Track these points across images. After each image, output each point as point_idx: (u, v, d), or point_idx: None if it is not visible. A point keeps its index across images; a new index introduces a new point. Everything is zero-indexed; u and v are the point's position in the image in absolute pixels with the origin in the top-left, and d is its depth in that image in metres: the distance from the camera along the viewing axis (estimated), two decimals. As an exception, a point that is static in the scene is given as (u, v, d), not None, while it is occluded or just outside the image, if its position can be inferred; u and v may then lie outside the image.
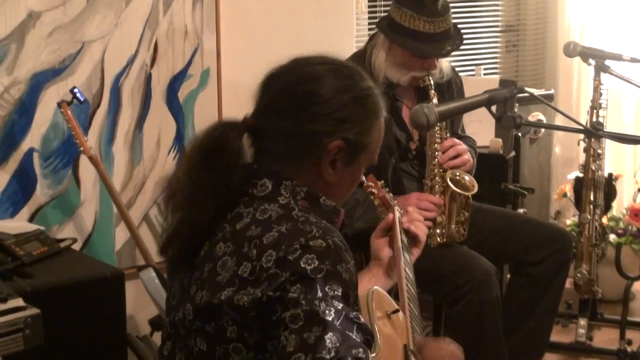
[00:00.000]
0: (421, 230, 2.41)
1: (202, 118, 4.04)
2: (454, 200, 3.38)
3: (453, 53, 3.50)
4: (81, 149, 3.55)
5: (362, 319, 1.72)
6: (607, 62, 4.07)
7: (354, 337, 1.67)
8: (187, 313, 1.84)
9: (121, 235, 3.88)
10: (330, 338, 1.65)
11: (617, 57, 4.09)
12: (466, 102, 2.67)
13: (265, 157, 1.91)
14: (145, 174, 3.94)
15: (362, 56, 3.51)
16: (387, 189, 2.59)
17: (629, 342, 4.23)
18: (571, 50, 4.11)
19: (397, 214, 2.49)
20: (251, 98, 1.95)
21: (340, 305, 1.69)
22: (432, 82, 3.41)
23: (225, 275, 1.77)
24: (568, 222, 4.84)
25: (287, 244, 1.74)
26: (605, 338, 4.41)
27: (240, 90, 4.16)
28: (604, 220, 4.37)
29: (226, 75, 4.09)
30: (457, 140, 3.44)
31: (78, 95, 3.56)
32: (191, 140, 1.94)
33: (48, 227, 3.61)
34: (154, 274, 3.47)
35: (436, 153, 3.40)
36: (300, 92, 1.89)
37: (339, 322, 1.67)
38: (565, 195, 4.80)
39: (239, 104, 4.20)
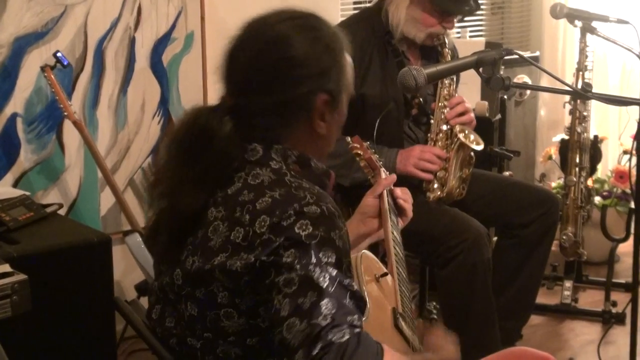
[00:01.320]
0: (409, 204, 2.39)
1: (187, 82, 4.02)
2: (458, 154, 3.40)
3: None
4: (65, 113, 3.52)
5: (355, 286, 1.72)
6: (594, 24, 4.05)
7: (347, 304, 1.67)
8: (176, 278, 1.83)
9: (106, 200, 3.87)
10: (326, 304, 1.64)
11: (604, 19, 4.07)
12: (454, 64, 2.66)
13: (254, 130, 1.86)
14: (130, 138, 3.92)
15: (375, 12, 3.51)
16: (373, 150, 2.57)
17: (614, 304, 4.26)
18: (557, 12, 4.09)
19: (384, 175, 2.48)
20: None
21: (334, 272, 1.68)
22: (446, 40, 3.47)
23: (217, 240, 1.76)
24: (553, 184, 4.85)
25: (281, 210, 1.73)
26: (590, 300, 4.43)
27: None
28: (589, 182, 4.38)
29: (210, 38, 4.05)
30: (463, 98, 3.47)
31: (61, 59, 3.53)
32: (172, 130, 1.89)
33: (33, 193, 3.59)
34: (140, 239, 3.46)
35: (444, 110, 3.43)
36: (271, 61, 1.83)
37: (333, 289, 1.66)
38: (550, 157, 4.80)
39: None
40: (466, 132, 3.42)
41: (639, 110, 3.34)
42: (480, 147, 3.40)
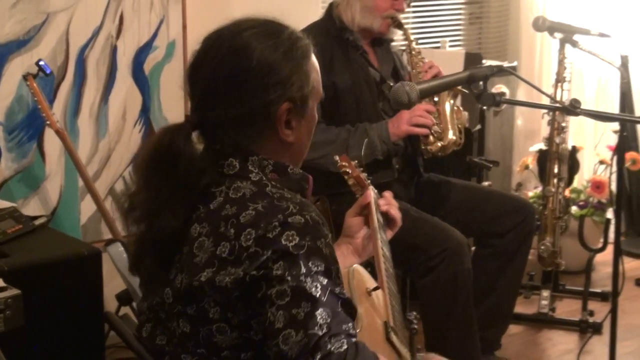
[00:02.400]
0: (398, 213, 2.39)
1: (168, 91, 4.02)
2: (444, 105, 3.56)
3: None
4: (48, 122, 3.51)
5: (346, 294, 1.72)
6: (575, 37, 4.09)
7: (341, 312, 1.67)
8: (167, 297, 1.81)
9: (86, 209, 3.86)
10: (320, 314, 1.64)
11: (585, 32, 4.11)
12: (447, 80, 2.68)
13: (221, 144, 1.84)
14: (111, 147, 3.91)
15: (325, 21, 3.67)
16: (361, 169, 2.58)
17: (591, 313, 4.29)
18: (540, 25, 4.12)
19: (372, 193, 2.49)
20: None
21: (325, 281, 1.68)
22: (401, 20, 3.66)
23: (203, 256, 1.75)
24: (530, 194, 4.89)
25: (265, 222, 1.71)
26: (567, 309, 4.47)
27: (206, 63, 4.15)
28: (567, 192, 4.42)
29: (192, 47, 4.00)
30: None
31: (44, 67, 3.52)
32: (139, 152, 1.87)
33: (13, 202, 3.56)
34: (122, 248, 3.44)
35: (420, 75, 3.60)
36: (229, 74, 1.81)
37: (326, 298, 1.66)
38: (527, 167, 4.84)
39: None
40: None
41: (619, 123, 3.36)
42: (465, 90, 3.52)
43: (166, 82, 4.01)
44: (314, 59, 1.90)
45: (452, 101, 3.60)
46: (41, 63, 3.53)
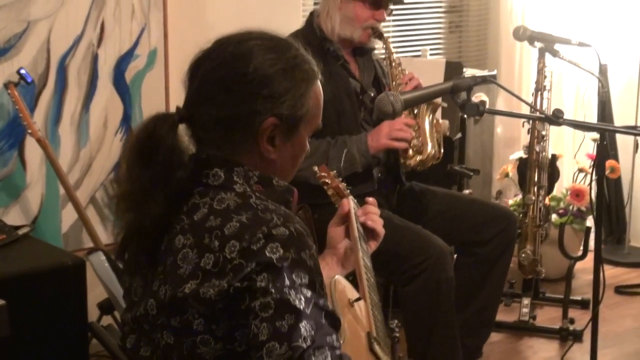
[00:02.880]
0: (378, 223, 2.37)
1: (149, 99, 4.01)
2: (426, 116, 3.56)
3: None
4: (29, 131, 3.50)
5: (330, 305, 1.73)
6: (556, 47, 4.12)
7: (324, 324, 1.68)
8: (150, 308, 1.81)
9: (67, 217, 3.84)
10: (304, 326, 1.65)
11: (566, 42, 4.14)
12: (431, 90, 2.69)
13: (204, 145, 1.86)
14: (92, 155, 3.90)
15: (306, 30, 3.64)
16: (340, 179, 2.59)
17: (572, 321, 4.31)
18: (521, 35, 4.15)
19: (352, 204, 2.49)
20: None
21: (309, 293, 1.69)
22: (382, 31, 3.66)
23: (187, 268, 1.75)
24: (510, 201, 4.91)
25: (250, 234, 1.72)
26: (548, 317, 4.49)
27: (188, 71, 4.15)
28: (546, 200, 4.44)
29: (173, 55, 4.05)
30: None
31: (25, 76, 3.51)
32: (127, 138, 1.88)
33: (-8, 210, 3.57)
34: (104, 258, 3.42)
35: (400, 87, 3.58)
36: (224, 76, 1.83)
37: (310, 310, 1.67)
38: (507, 175, 4.86)
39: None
40: None
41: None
42: (442, 103, 3.56)
43: (147, 91, 4.00)
44: (318, 86, 1.91)
45: (431, 115, 3.59)
46: (22, 71, 3.52)
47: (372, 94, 3.60)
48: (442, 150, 3.59)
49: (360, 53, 3.72)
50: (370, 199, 2.42)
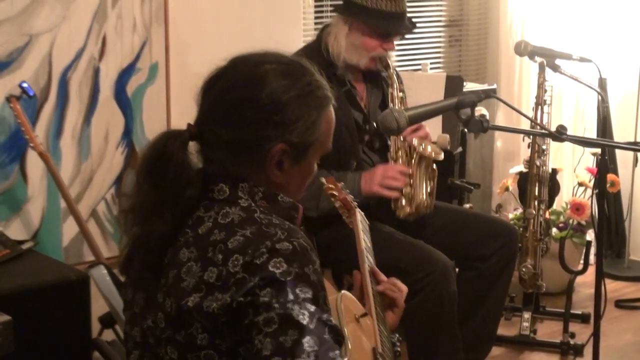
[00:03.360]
0: (399, 295, 2.33)
1: (151, 113, 4.01)
2: (420, 168, 3.45)
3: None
4: (31, 144, 3.51)
5: (333, 320, 1.73)
6: (557, 62, 4.13)
7: (328, 339, 1.67)
8: (159, 321, 1.82)
9: (68, 231, 3.84)
10: (308, 342, 1.65)
11: (567, 57, 4.15)
12: (435, 107, 2.70)
13: (211, 163, 1.87)
14: (93, 169, 3.90)
15: (315, 48, 3.56)
16: (347, 191, 2.59)
17: (572, 335, 4.31)
18: (522, 50, 4.16)
19: (359, 216, 2.50)
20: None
21: (312, 308, 1.69)
22: (390, 62, 3.57)
23: (190, 281, 1.75)
24: (510, 215, 4.91)
25: (253, 248, 1.72)
26: (548, 331, 4.49)
27: (189, 85, 4.14)
28: (546, 214, 4.44)
29: (175, 69, 4.06)
30: None
31: (27, 90, 3.52)
32: (139, 153, 1.89)
33: (-6, 223, 3.57)
34: (105, 271, 3.43)
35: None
36: (237, 98, 1.84)
37: (313, 325, 1.67)
38: (507, 189, 4.87)
39: (188, 99, 4.21)
40: (423, 145, 3.47)
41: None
42: (441, 157, 3.46)
43: (149, 104, 4.00)
44: (330, 112, 1.91)
45: (427, 165, 3.48)
46: (24, 85, 3.53)
47: (375, 125, 3.48)
48: (434, 200, 3.50)
49: (369, 77, 3.64)
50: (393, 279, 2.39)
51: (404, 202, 3.45)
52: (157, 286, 1.83)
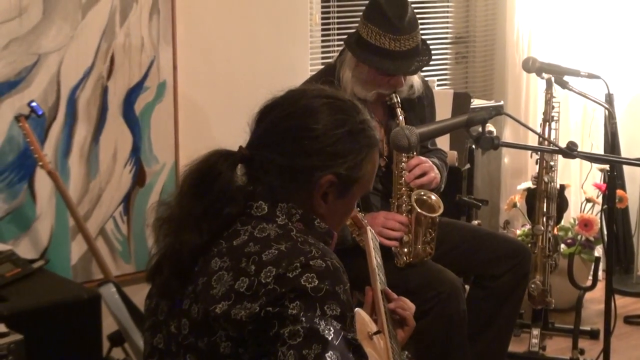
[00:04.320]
0: (408, 313, 2.33)
1: (158, 131, 4.02)
2: (419, 221, 3.39)
3: None
4: (40, 163, 3.51)
5: (358, 341, 1.74)
6: (565, 78, 4.13)
7: (351, 358, 1.69)
8: (183, 327, 1.84)
9: (77, 249, 3.84)
10: (330, 356, 1.67)
11: (575, 73, 4.15)
12: (446, 124, 2.70)
13: (258, 185, 1.92)
14: (102, 187, 3.90)
15: (332, 70, 3.51)
16: (358, 209, 2.59)
17: (582, 352, 4.30)
18: (530, 66, 4.16)
19: (370, 234, 2.50)
20: (208, 111, 1.97)
21: (338, 326, 1.71)
22: (398, 99, 3.43)
23: (220, 289, 1.78)
24: (518, 232, 4.90)
25: (287, 262, 1.76)
26: (557, 347, 4.47)
27: (197, 103, 4.17)
28: (554, 230, 4.44)
29: (182, 87, 4.07)
30: (423, 158, 3.43)
31: (36, 109, 3.53)
32: (186, 165, 1.94)
33: (3, 243, 3.55)
34: (114, 289, 3.44)
35: (402, 172, 3.40)
36: (293, 127, 1.91)
37: (338, 342, 1.69)
38: (515, 205, 4.86)
39: (195, 117, 4.23)
40: (424, 196, 3.41)
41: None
42: (439, 213, 3.39)
43: (157, 122, 4.01)
44: (376, 153, 1.98)
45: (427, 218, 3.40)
46: (33, 104, 3.54)
47: (385, 160, 3.45)
48: (433, 248, 3.43)
49: (392, 111, 3.47)
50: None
51: (404, 250, 3.41)
52: (184, 293, 1.86)
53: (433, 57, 4.69)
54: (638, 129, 5.30)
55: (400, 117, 3.38)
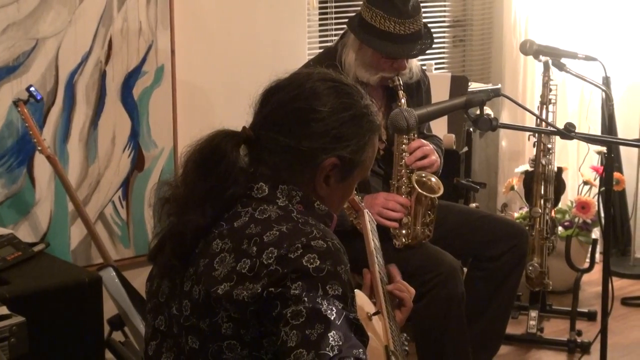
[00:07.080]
0: (406, 294, 2.35)
1: (157, 115, 4.03)
2: (419, 201, 3.41)
3: None
4: (38, 148, 3.52)
5: (360, 321, 1.75)
6: (562, 61, 4.13)
7: (353, 337, 1.70)
8: (185, 309, 1.85)
9: (76, 234, 3.86)
10: (333, 336, 1.67)
11: (572, 55, 4.16)
12: (444, 106, 2.71)
13: (261, 166, 1.93)
14: (100, 171, 3.91)
15: (332, 53, 3.51)
16: (356, 192, 2.60)
17: (579, 333, 4.32)
18: (527, 49, 4.17)
19: (367, 217, 2.51)
20: (206, 95, 1.97)
21: (340, 305, 1.73)
22: (401, 82, 3.44)
23: (222, 270, 1.79)
24: (516, 214, 4.92)
25: (288, 243, 1.78)
26: (555, 329, 4.50)
27: (195, 88, 4.17)
28: (552, 213, 4.45)
29: (180, 72, 4.07)
30: (424, 142, 3.45)
31: (35, 93, 3.53)
32: (189, 146, 1.95)
33: (2, 227, 3.56)
34: (114, 274, 3.45)
35: (403, 154, 3.41)
36: (299, 108, 1.92)
37: (340, 322, 1.70)
38: (512, 188, 4.88)
39: (193, 102, 4.23)
40: (424, 177, 3.42)
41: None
42: (439, 194, 3.41)
43: (155, 107, 4.02)
44: (377, 138, 2.01)
45: (427, 198, 3.40)
46: (32, 89, 3.54)
47: (385, 144, 3.46)
48: (432, 230, 3.44)
49: (392, 95, 3.48)
50: (394, 269, 2.41)
51: (403, 231, 3.42)
52: (185, 275, 1.87)
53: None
54: (635, 111, 5.30)
55: (402, 100, 3.38)
